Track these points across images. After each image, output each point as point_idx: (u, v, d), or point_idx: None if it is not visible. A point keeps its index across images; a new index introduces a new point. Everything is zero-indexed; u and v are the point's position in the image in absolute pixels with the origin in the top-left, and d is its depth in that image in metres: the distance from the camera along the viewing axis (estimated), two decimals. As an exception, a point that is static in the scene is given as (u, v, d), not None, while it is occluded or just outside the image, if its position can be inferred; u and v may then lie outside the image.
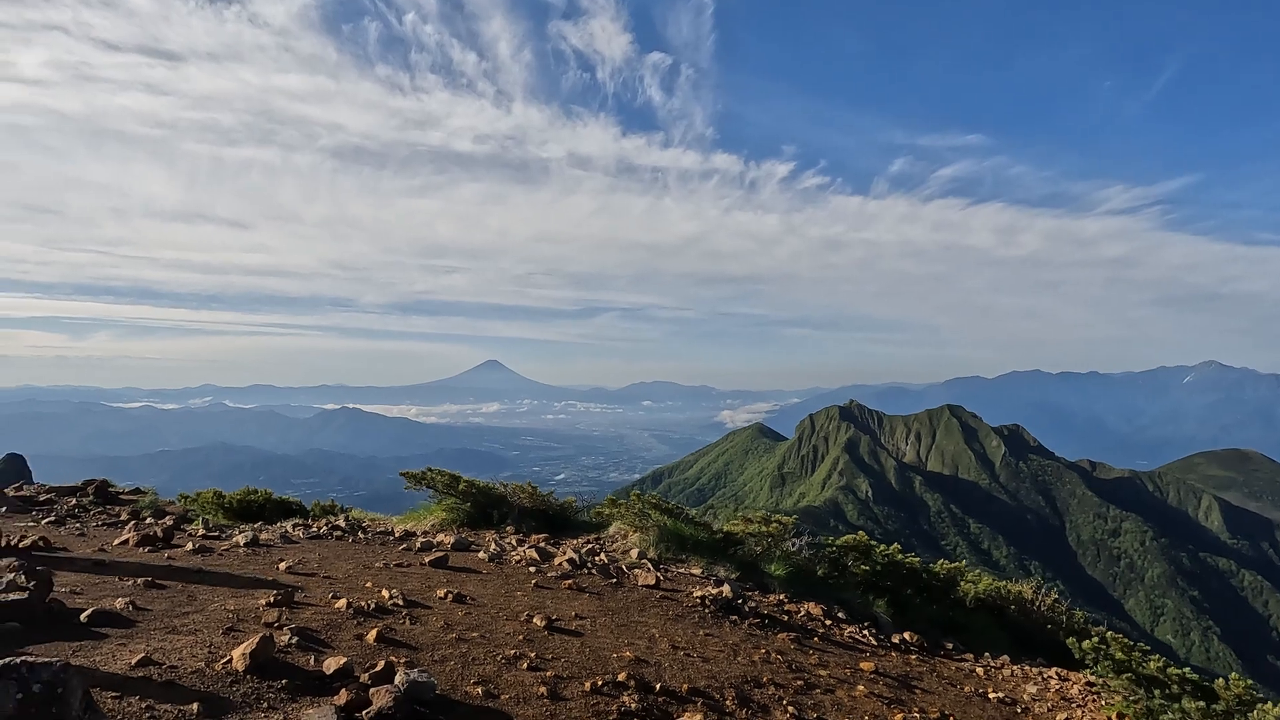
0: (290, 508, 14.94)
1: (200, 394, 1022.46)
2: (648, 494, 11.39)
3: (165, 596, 5.81)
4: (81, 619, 4.94)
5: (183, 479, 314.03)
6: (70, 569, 6.35)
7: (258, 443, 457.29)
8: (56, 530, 8.77)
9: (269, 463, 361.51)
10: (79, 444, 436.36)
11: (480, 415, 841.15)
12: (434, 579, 7.59)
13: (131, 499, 12.17)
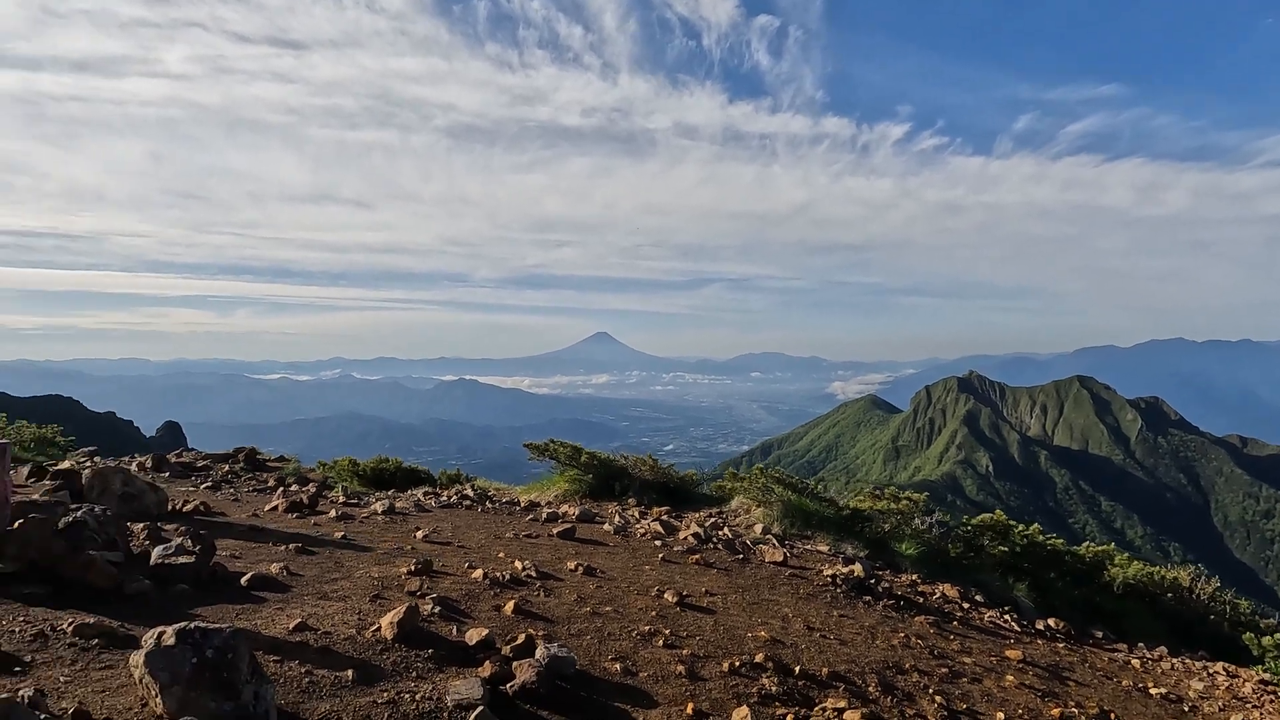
0: (418, 476, 15.53)
1: (331, 366, 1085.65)
2: (770, 468, 11.15)
3: (315, 562, 6.05)
4: (242, 583, 5.19)
5: (316, 445, 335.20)
6: (229, 534, 6.72)
7: (383, 412, 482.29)
8: (213, 495, 9.36)
9: (393, 431, 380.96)
10: (227, 412, 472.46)
11: (590, 386, 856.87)
12: (563, 551, 7.64)
13: (277, 466, 12.90)
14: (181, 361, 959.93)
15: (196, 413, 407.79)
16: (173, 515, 7.24)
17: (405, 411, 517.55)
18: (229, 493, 9.72)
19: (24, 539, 4.60)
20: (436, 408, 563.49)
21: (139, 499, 6.97)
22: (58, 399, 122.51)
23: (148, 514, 6.95)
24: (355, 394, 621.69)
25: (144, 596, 4.67)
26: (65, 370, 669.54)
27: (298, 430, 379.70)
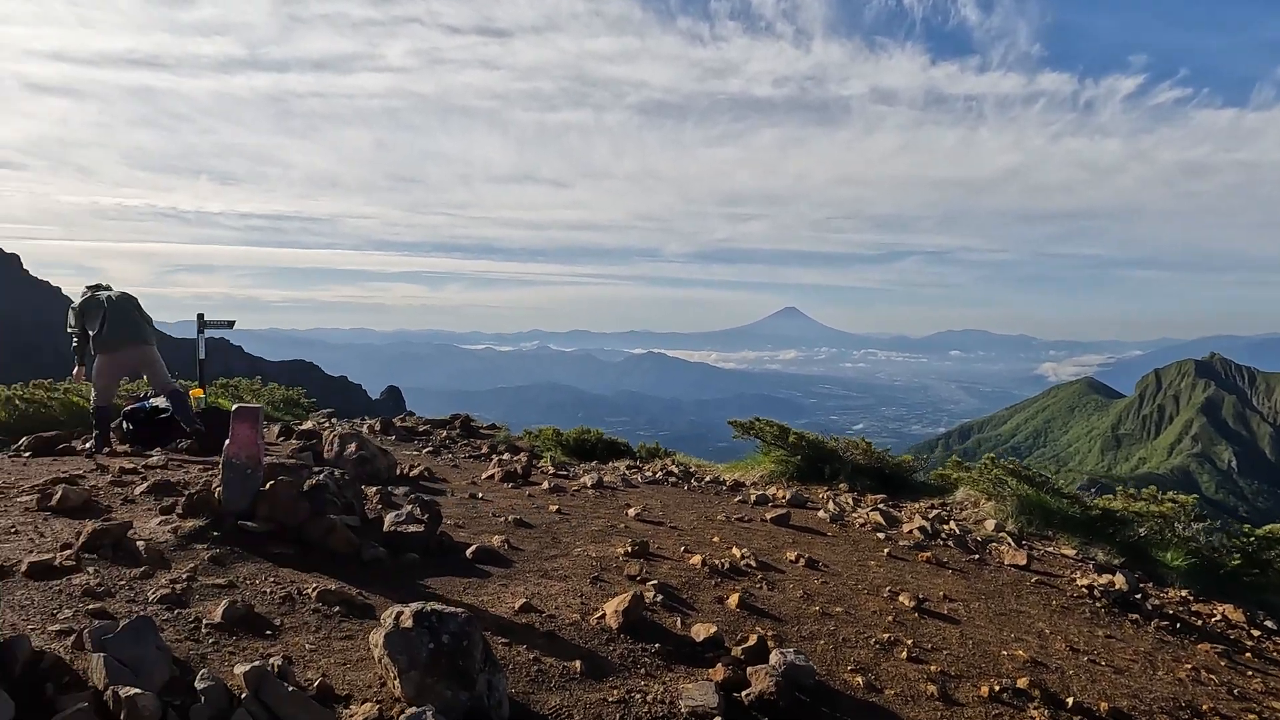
0: (618, 448, 15.62)
1: (530, 339, 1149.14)
2: (1003, 458, 10.00)
3: (533, 536, 5.98)
4: (467, 555, 5.16)
5: (516, 411, 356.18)
6: (451, 502, 6.84)
7: (576, 382, 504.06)
8: (434, 460, 9.74)
9: (585, 401, 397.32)
10: (439, 379, 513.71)
11: (777, 362, 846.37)
12: (779, 538, 7.16)
13: (489, 434, 13.39)
14: (402, 332, 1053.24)
15: (414, 379, 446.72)
16: (401, 479, 7.51)
17: (597, 382, 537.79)
18: (448, 458, 10.09)
19: (274, 500, 4.78)
20: (626, 379, 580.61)
21: (371, 463, 7.28)
22: (301, 364, 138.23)
23: (379, 477, 7.24)
24: (551, 364, 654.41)
25: (379, 564, 4.72)
26: (306, 338, 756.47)
27: (500, 397, 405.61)
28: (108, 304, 8.04)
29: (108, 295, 8.18)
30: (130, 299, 8.23)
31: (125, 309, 8.11)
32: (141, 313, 8.25)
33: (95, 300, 8.11)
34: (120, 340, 8.03)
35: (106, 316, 8.00)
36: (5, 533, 4.57)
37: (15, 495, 5.55)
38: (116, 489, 5.88)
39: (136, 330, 8.14)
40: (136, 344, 8.14)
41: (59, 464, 7.28)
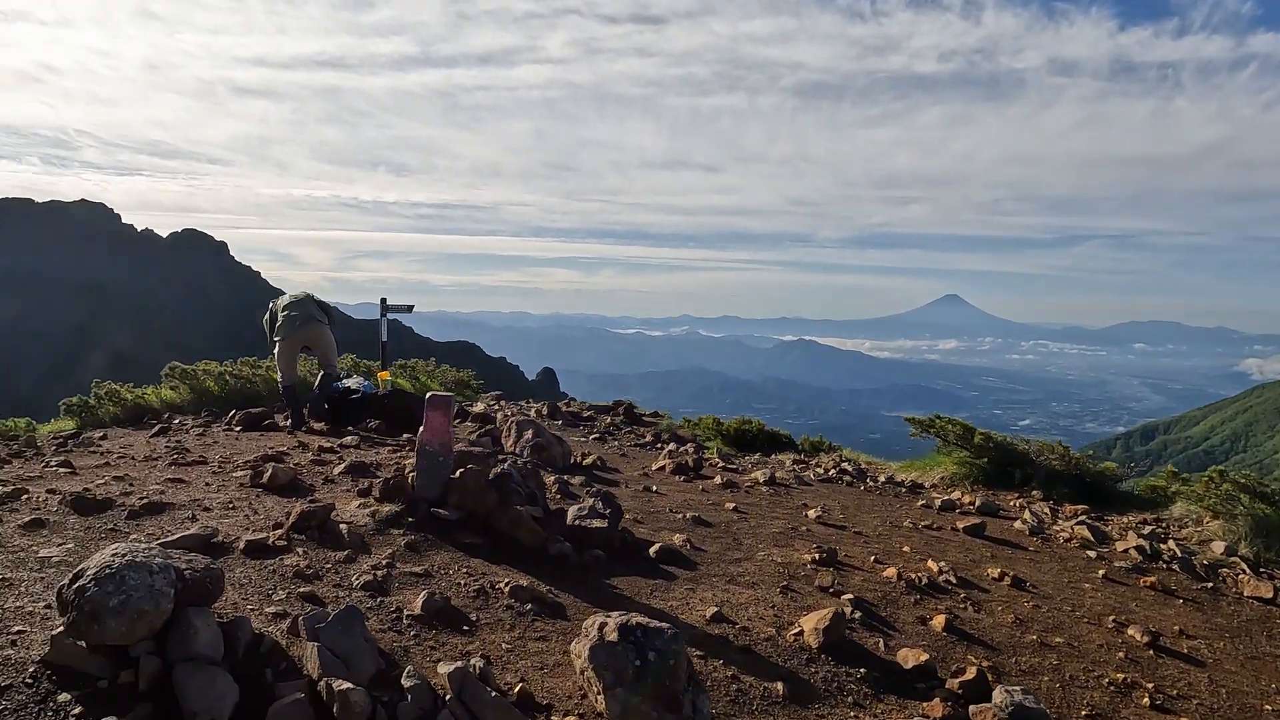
0: (780, 440, 15.15)
1: (679, 324, 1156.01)
2: (1234, 471, 8.76)
3: (713, 536, 5.74)
4: (650, 553, 4.98)
5: (664, 396, 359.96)
6: (626, 494, 6.72)
7: (725, 368, 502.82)
8: (602, 448, 9.73)
9: (733, 387, 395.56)
10: (591, 362, 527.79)
11: (936, 352, 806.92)
12: (975, 551, 6.55)
13: (652, 421, 13.32)
14: (557, 315, 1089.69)
15: (567, 361, 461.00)
16: (575, 468, 7.49)
17: (746, 368, 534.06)
18: (614, 446, 10.06)
19: (464, 489, 4.79)
20: (775, 366, 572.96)
21: (548, 450, 7.30)
22: (464, 345, 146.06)
23: (553, 464, 7.25)
24: (700, 349, 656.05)
25: (564, 559, 4.62)
26: (469, 320, 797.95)
27: (649, 381, 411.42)
28: (290, 299, 8.71)
29: (293, 295, 8.85)
30: (309, 295, 8.88)
31: (303, 300, 8.76)
32: (318, 303, 8.89)
33: (283, 300, 8.81)
34: (295, 323, 8.64)
35: (287, 307, 8.66)
36: (224, 508, 4.83)
37: (231, 470, 5.93)
38: (317, 468, 6.17)
39: (309, 313, 8.73)
40: (309, 323, 8.71)
41: (265, 439, 7.78)
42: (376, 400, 8.73)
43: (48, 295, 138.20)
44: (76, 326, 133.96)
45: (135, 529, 4.32)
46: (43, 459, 6.13)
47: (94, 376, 31.79)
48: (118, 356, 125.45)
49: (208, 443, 7.51)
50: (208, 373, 13.62)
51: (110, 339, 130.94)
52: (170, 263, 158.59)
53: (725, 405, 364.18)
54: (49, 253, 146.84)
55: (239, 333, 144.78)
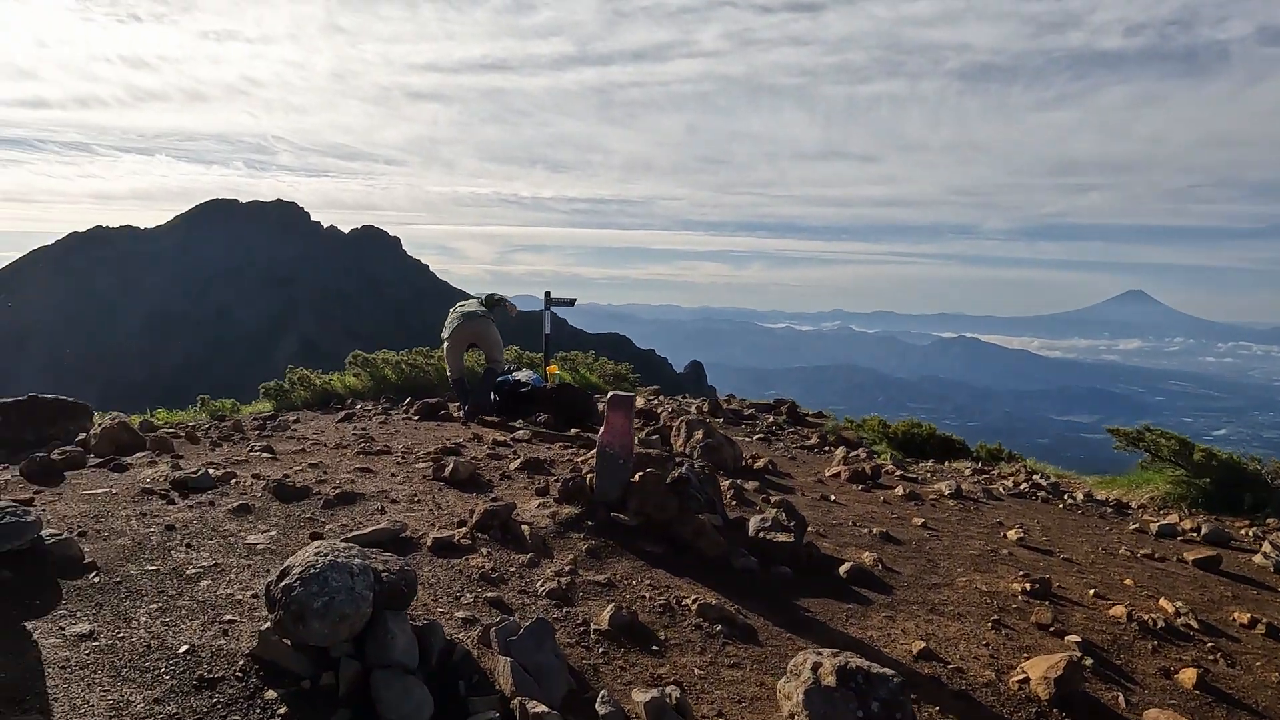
0: (953, 446, 14.16)
1: (830, 318, 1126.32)
2: None
3: (905, 556, 5.26)
4: (840, 573, 4.60)
5: (814, 392, 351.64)
6: (804, 502, 6.34)
7: (877, 365, 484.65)
8: (768, 449, 9.37)
9: (887, 384, 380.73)
10: (738, 355, 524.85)
11: (1115, 352, 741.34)
12: (1212, 589, 5.68)
13: (816, 422, 12.79)
14: (705, 309, 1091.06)
15: (715, 354, 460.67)
16: (747, 471, 7.19)
17: (900, 366, 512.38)
18: (780, 448, 9.67)
19: (644, 494, 4.60)
20: (933, 364, 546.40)
21: (718, 451, 7.03)
22: (615, 336, 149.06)
23: (724, 467, 6.98)
24: (852, 345, 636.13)
25: (750, 575, 4.33)
26: (620, 313, 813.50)
27: (797, 376, 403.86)
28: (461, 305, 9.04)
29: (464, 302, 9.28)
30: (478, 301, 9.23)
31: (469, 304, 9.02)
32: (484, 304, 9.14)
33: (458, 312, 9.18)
34: (460, 322, 8.88)
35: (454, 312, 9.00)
36: (410, 501, 4.89)
37: (414, 461, 6.06)
38: (494, 462, 6.20)
39: (471, 311, 8.96)
40: (472, 320, 8.91)
41: (441, 429, 7.99)
42: (545, 394, 8.80)
43: (249, 286, 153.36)
44: (272, 314, 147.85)
45: (330, 519, 4.43)
46: (247, 443, 6.54)
47: (285, 360, 34.59)
48: (305, 342, 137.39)
49: (389, 431, 7.78)
50: (386, 362, 14.39)
51: (300, 326, 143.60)
52: (351, 256, 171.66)
53: (878, 404, 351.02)
54: (251, 247, 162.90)
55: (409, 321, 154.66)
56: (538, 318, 14.03)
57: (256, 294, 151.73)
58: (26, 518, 3.48)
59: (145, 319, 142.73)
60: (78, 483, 4.92)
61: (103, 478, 5.03)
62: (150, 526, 4.07)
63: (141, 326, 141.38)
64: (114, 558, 3.64)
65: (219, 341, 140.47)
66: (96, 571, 3.47)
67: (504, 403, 8.79)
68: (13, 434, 6.09)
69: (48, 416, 6.21)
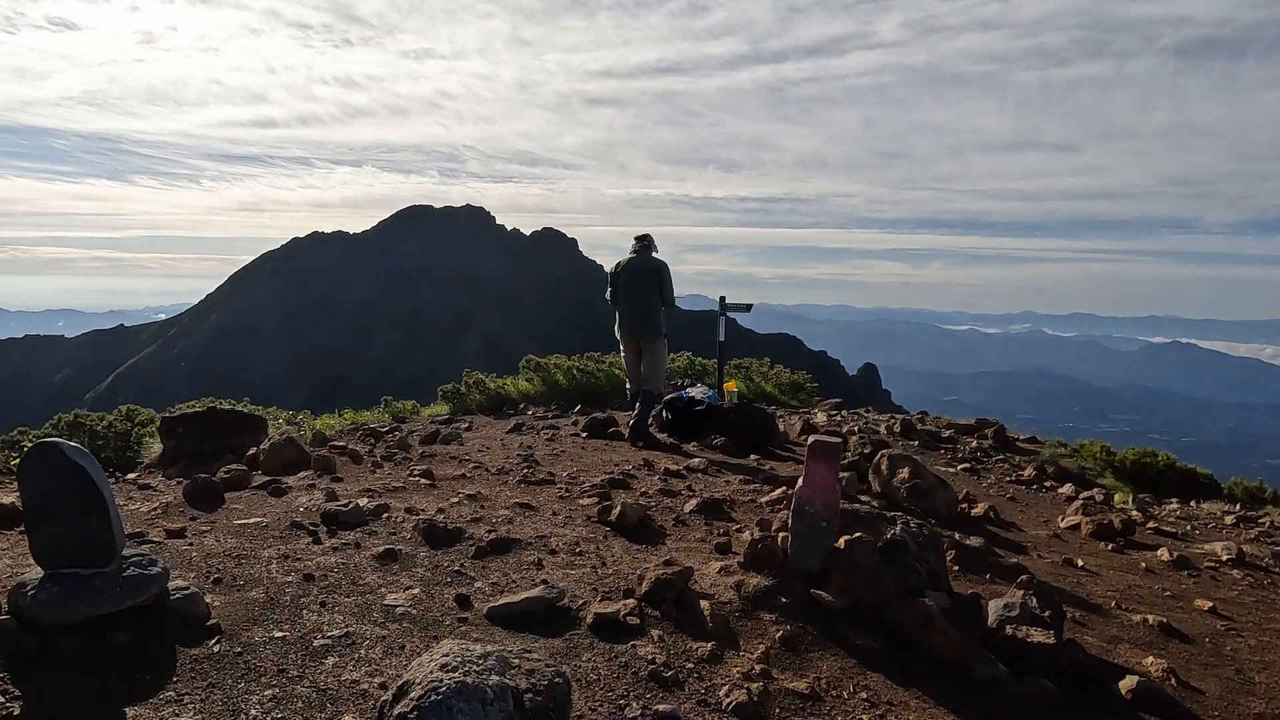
0: (1196, 481, 11.93)
1: (1020, 320, 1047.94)
2: None
3: (1200, 662, 3.94)
4: (1120, 690, 3.43)
5: (999, 399, 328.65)
6: (1041, 566, 5.12)
7: (1073, 371, 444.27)
8: (977, 484, 8.05)
9: (1083, 393, 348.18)
10: (916, 359, 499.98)
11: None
12: None
13: (1029, 449, 11.13)
14: (880, 310, 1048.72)
15: (890, 357, 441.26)
16: (963, 520, 6.01)
17: (1100, 373, 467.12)
18: (990, 482, 8.31)
19: (852, 567, 3.66)
20: (1140, 372, 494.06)
21: (929, 495, 5.91)
22: (784, 337, 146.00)
23: (936, 514, 5.85)
24: (1044, 350, 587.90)
25: (998, 689, 3.28)
26: (790, 313, 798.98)
27: (980, 382, 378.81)
28: (624, 282, 8.00)
29: (628, 267, 8.06)
30: (646, 277, 7.95)
31: (638, 297, 7.96)
32: (656, 293, 8.00)
33: (615, 274, 8.16)
34: (627, 335, 8.05)
35: (620, 303, 8.02)
36: (571, 552, 4.23)
37: (578, 495, 5.43)
38: (666, 499, 5.46)
39: (641, 328, 7.99)
40: (637, 340, 8.05)
41: (609, 451, 7.37)
42: (721, 414, 7.99)
43: (440, 285, 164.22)
44: (459, 312, 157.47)
45: (480, 573, 3.85)
46: (409, 464, 6.19)
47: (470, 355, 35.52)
48: (488, 339, 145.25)
49: (555, 451, 7.25)
50: (558, 367, 14.18)
51: (483, 324, 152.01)
52: (531, 258, 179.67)
53: (1073, 414, 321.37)
54: (443, 250, 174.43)
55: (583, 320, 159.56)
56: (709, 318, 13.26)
57: (446, 293, 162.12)
58: (151, 569, 3.10)
59: (351, 316, 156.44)
60: (235, 508, 4.68)
61: (259, 503, 4.77)
62: (289, 574, 3.65)
63: (348, 323, 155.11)
64: (241, 617, 3.20)
65: (412, 337, 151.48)
66: (219, 637, 3.03)
67: (676, 422, 8.07)
68: (192, 444, 6.08)
69: (224, 429, 6.17)
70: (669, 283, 8.01)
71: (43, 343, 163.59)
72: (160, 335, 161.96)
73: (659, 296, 7.95)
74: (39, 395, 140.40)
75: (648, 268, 7.95)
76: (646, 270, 7.93)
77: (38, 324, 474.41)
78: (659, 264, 8.00)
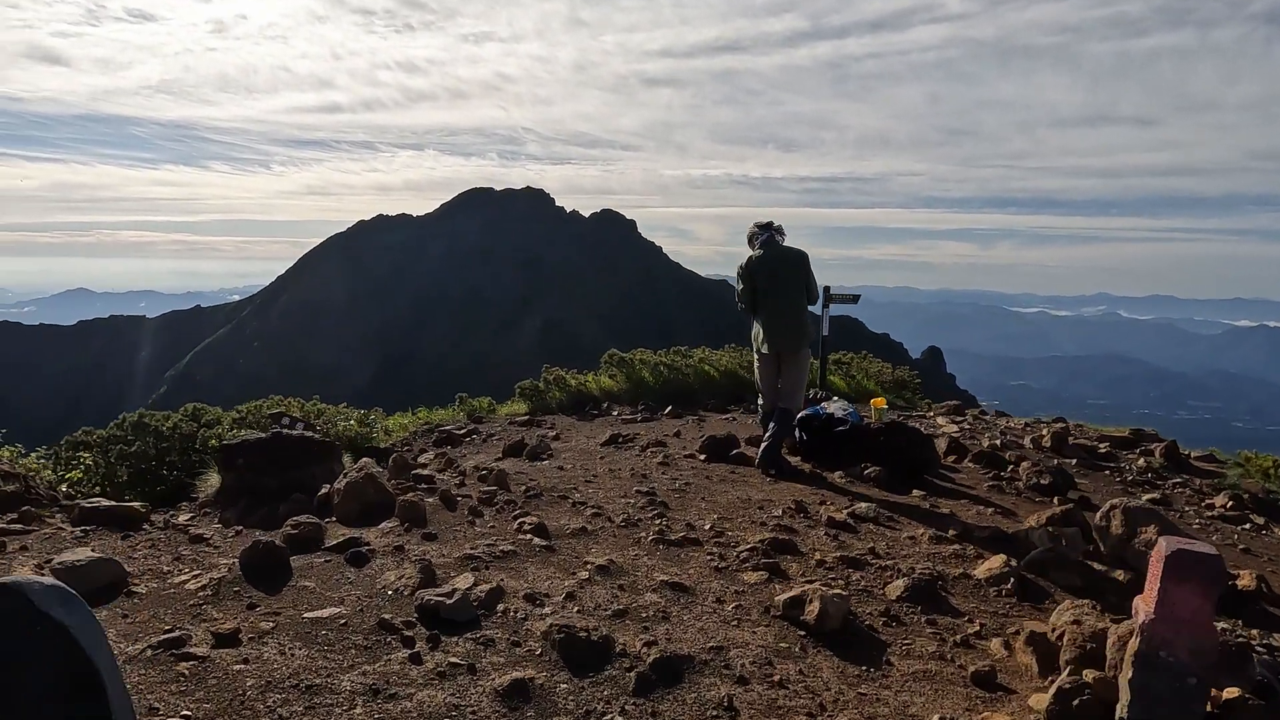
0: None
1: (1094, 302, 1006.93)
2: None
3: None
4: None
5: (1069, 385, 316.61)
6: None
7: (1150, 356, 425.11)
8: (1168, 516, 6.56)
9: (1160, 379, 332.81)
10: (981, 342, 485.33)
11: None
12: None
13: (1206, 468, 9.48)
14: (945, 291, 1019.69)
15: (954, 340, 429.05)
16: (1231, 602, 4.59)
17: (1179, 358, 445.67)
18: (1186, 514, 6.79)
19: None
20: (1223, 357, 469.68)
21: (1189, 567, 4.50)
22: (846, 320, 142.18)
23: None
24: (1118, 333, 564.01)
25: None
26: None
27: (1050, 367, 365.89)
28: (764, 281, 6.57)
29: (767, 263, 6.63)
30: (793, 272, 6.57)
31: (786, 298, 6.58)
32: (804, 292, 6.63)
33: (749, 272, 6.74)
34: (771, 344, 6.61)
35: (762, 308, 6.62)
36: (766, 681, 2.96)
37: (737, 564, 4.16)
38: (854, 574, 4.14)
39: (789, 335, 6.57)
40: (786, 339, 6.63)
41: (741, 483, 6.10)
42: (868, 435, 6.62)
43: (500, 268, 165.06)
44: (519, 295, 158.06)
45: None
46: (513, 509, 4.97)
47: (530, 339, 34.74)
48: (548, 320, 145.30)
49: (677, 483, 5.97)
50: (643, 363, 13.00)
51: (543, 306, 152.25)
52: (590, 240, 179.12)
53: (1149, 399, 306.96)
54: (503, 232, 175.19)
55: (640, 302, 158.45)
56: None
57: (506, 275, 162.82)
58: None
59: (415, 297, 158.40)
60: (305, 584, 3.57)
61: (334, 578, 3.65)
62: (380, 729, 2.49)
63: (412, 303, 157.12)
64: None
65: (474, 318, 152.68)
66: None
67: (814, 445, 6.75)
68: (254, 478, 5.04)
69: (292, 459, 5.12)
70: (812, 274, 6.68)
71: (127, 323, 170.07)
72: (234, 316, 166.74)
73: (807, 295, 6.63)
74: (124, 374, 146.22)
75: (792, 260, 6.59)
76: (790, 263, 6.57)
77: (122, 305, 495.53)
78: (801, 254, 6.64)
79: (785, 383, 6.63)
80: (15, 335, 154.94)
